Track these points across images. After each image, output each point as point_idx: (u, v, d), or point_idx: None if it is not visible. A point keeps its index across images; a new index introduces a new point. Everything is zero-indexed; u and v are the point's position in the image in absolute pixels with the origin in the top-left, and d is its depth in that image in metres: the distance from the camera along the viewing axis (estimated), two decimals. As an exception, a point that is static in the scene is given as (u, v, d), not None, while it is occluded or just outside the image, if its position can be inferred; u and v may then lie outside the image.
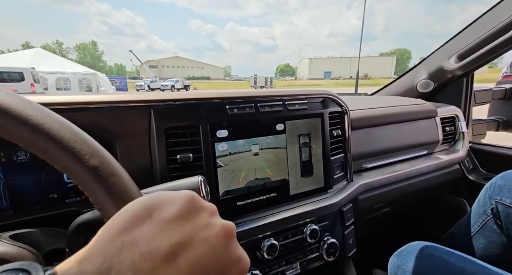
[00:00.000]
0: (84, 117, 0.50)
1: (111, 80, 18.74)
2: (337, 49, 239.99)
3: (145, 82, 30.13)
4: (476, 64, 1.12)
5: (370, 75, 62.13)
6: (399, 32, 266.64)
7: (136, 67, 79.51)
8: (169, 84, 29.19)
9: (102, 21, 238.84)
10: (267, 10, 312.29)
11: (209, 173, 0.59)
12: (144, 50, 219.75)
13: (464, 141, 1.18)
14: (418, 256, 0.67)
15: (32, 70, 10.72)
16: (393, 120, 1.00)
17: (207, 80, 77.49)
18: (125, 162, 0.54)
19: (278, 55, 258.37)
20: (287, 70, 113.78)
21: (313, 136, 0.73)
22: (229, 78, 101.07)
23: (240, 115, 0.62)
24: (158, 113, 0.55)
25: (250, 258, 0.63)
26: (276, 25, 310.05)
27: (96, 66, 74.80)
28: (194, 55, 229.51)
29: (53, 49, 72.35)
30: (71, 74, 13.38)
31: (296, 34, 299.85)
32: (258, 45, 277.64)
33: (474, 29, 1.10)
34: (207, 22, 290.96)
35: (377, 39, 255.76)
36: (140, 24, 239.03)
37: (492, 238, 0.79)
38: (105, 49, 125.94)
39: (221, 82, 69.95)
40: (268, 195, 0.67)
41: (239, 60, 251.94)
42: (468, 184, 1.20)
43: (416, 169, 1.00)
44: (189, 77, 79.19)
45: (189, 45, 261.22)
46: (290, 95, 0.70)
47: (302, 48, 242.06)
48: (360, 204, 0.86)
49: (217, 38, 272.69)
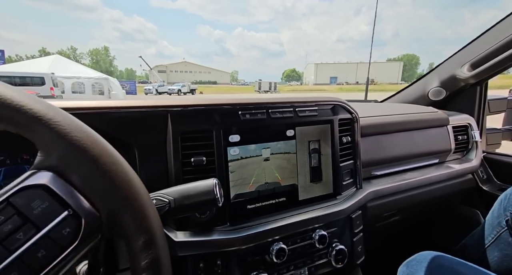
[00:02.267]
0: (103, 122, 0.54)
1: (121, 84, 19.88)
2: (345, 54, 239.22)
3: (153, 86, 31.40)
4: (490, 73, 1.12)
5: (377, 81, 61.43)
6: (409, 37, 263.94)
7: (146, 72, 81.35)
8: (175, 89, 30.04)
9: (114, 27, 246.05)
10: (275, 16, 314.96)
11: (221, 176, 0.61)
12: (153, 55, 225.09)
13: (478, 150, 1.16)
14: (428, 266, 0.67)
15: (51, 75, 11.81)
16: (404, 128, 1.01)
17: (213, 85, 78.36)
18: (143, 164, 0.57)
19: (285, 61, 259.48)
20: (293, 75, 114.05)
21: (323, 142, 0.75)
22: (236, 83, 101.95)
23: (252, 121, 0.65)
24: (175, 118, 0.59)
25: (259, 261, 0.65)
26: (284, 31, 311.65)
27: (107, 70, 76.91)
28: (202, 60, 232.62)
29: (68, 54, 75.12)
30: (85, 79, 14.44)
31: (304, 39, 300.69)
32: (266, 51, 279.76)
33: (488, 38, 1.11)
34: (216, 28, 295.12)
35: (386, 45, 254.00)
36: (151, 30, 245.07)
37: (506, 251, 0.78)
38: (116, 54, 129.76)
39: (228, 86, 70.61)
40: (277, 200, 0.69)
41: (246, 65, 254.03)
42: (481, 195, 1.19)
43: (427, 177, 1.00)
44: (196, 81, 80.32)
45: (198, 50, 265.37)
46: (301, 101, 0.72)
47: (309, 54, 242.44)
48: (369, 211, 0.87)
49: (225, 43, 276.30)
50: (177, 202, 0.43)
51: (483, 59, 1.12)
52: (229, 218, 0.63)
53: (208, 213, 0.60)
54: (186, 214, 0.45)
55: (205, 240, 0.58)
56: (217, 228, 0.62)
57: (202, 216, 0.60)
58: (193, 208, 0.44)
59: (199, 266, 0.58)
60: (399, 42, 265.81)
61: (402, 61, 79.29)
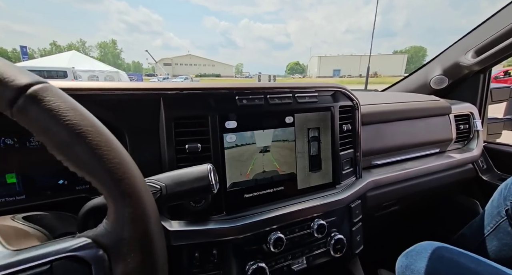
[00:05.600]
0: (92, 104, 0.49)
1: (129, 76, 21.34)
2: (354, 45, 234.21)
3: (158, 79, 32.38)
4: (495, 59, 1.05)
5: (380, 74, 60.24)
6: (421, 27, 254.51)
7: (152, 65, 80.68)
8: (178, 81, 30.44)
9: (120, 19, 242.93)
10: (282, 6, 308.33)
11: (217, 164, 0.57)
12: (159, 47, 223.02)
13: (479, 140, 1.11)
14: (427, 256, 0.64)
15: (72, 69, 13.17)
16: (404, 117, 0.95)
17: (217, 78, 77.70)
18: (134, 150, 0.52)
19: (292, 53, 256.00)
20: (297, 68, 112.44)
21: (323, 130, 0.70)
22: (240, 75, 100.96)
23: (249, 107, 0.60)
24: (167, 102, 0.54)
25: (256, 250, 0.61)
26: (291, 22, 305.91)
27: (115, 63, 76.43)
28: (208, 53, 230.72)
29: (77, 47, 74.60)
30: (99, 72, 15.56)
31: (311, 30, 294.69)
32: (272, 42, 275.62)
33: (494, 23, 1.03)
34: (221, 19, 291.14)
35: (396, 36, 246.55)
36: (157, 21, 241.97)
37: (505, 240, 0.75)
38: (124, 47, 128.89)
39: (231, 79, 70.07)
40: (275, 189, 0.65)
41: (252, 57, 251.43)
42: (481, 185, 1.14)
43: (427, 167, 0.95)
44: (201, 74, 79.65)
45: (204, 42, 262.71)
46: (300, 87, 0.67)
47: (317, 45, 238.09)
48: (369, 201, 0.83)
49: (231, 35, 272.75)
50: (169, 188, 0.38)
51: (489, 45, 1.04)
52: (225, 207, 0.59)
53: (203, 202, 0.56)
54: (179, 201, 0.41)
55: (201, 229, 0.54)
56: (213, 217, 0.58)
57: (197, 205, 0.56)
58: (186, 195, 0.40)
59: (194, 255, 0.54)
60: (410, 33, 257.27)
61: (406, 54, 77.51)
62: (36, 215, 0.39)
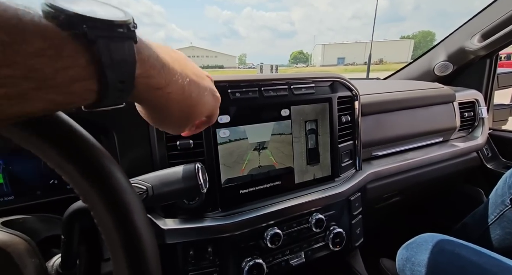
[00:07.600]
0: None
1: None
2: (361, 32, 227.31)
3: None
4: (503, 42, 0.98)
5: (386, 60, 58.48)
6: (431, 11, 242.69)
7: (155, 58, 79.55)
8: None
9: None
10: None
11: (210, 160, 0.54)
12: (163, 39, 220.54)
13: (484, 127, 1.06)
14: (428, 249, 0.62)
15: None
16: (406, 106, 0.91)
17: (220, 69, 76.89)
18: (124, 149, 0.50)
19: (296, 41, 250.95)
20: (300, 57, 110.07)
21: (321, 122, 0.66)
22: (243, 66, 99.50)
23: (243, 100, 0.56)
24: None
25: (253, 246, 0.58)
26: (295, 9, 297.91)
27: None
28: (211, 43, 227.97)
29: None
30: None
31: (316, 17, 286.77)
32: (276, 31, 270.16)
33: (502, 4, 0.96)
34: (224, 8, 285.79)
35: (405, 20, 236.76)
36: (159, 13, 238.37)
37: (509, 229, 0.73)
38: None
39: (234, 70, 69.25)
40: (272, 184, 0.62)
41: (256, 47, 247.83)
42: (485, 173, 1.10)
43: (430, 157, 0.91)
44: (204, 66, 78.90)
45: (207, 33, 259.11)
46: (297, 78, 0.63)
47: (322, 33, 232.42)
48: (369, 193, 0.80)
49: (234, 24, 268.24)
50: (156, 189, 0.36)
51: (496, 28, 0.97)
52: (220, 203, 0.57)
53: (197, 199, 0.54)
54: (167, 202, 0.39)
55: (195, 227, 0.53)
56: (208, 214, 0.56)
57: (191, 203, 0.54)
58: (174, 196, 0.38)
59: (189, 253, 0.53)
60: (420, 17, 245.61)
61: (413, 39, 74.76)
62: (18, 219, 0.37)
